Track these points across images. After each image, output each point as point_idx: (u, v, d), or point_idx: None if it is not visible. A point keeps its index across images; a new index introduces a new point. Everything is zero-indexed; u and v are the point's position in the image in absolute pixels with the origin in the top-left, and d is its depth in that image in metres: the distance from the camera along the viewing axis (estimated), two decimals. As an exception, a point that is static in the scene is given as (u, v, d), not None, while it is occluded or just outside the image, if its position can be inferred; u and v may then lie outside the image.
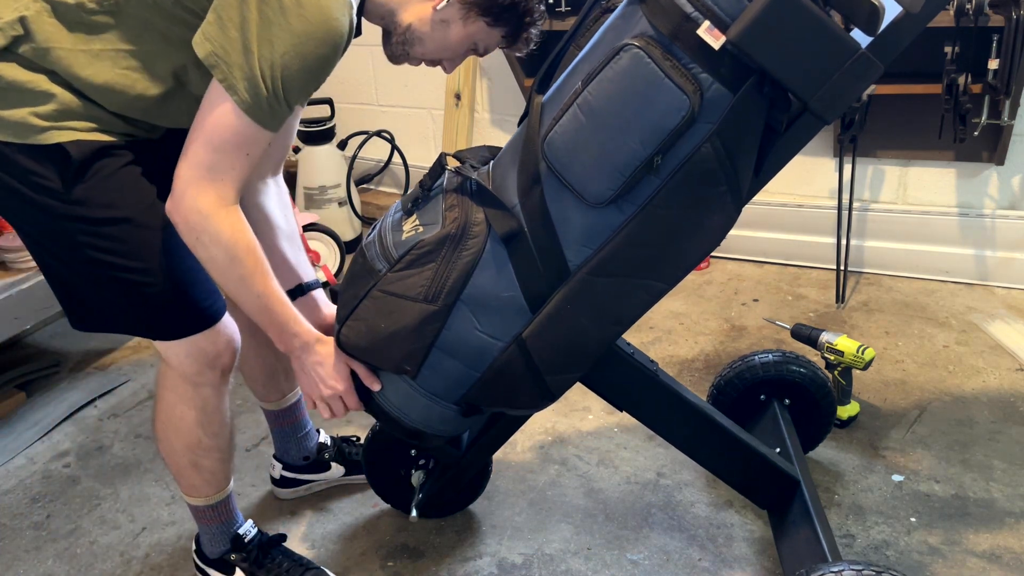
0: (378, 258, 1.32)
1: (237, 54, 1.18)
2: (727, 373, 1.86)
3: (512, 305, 1.29)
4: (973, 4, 2.16)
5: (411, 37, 1.37)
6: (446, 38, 1.36)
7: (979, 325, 2.39)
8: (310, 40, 1.19)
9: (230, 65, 1.19)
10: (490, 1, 1.32)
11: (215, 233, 1.26)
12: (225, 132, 1.22)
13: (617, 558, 1.70)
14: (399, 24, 1.36)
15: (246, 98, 1.20)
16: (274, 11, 1.17)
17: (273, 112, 1.23)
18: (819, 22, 1.08)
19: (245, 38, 1.17)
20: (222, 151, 1.23)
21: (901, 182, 2.66)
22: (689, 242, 1.24)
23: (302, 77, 1.22)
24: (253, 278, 1.32)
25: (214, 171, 1.24)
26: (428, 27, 1.35)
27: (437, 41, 1.37)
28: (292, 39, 1.18)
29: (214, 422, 1.49)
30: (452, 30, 1.35)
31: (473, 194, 1.29)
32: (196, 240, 1.27)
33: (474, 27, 1.34)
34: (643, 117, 1.14)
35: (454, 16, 1.33)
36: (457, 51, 1.40)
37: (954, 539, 1.68)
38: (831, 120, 1.16)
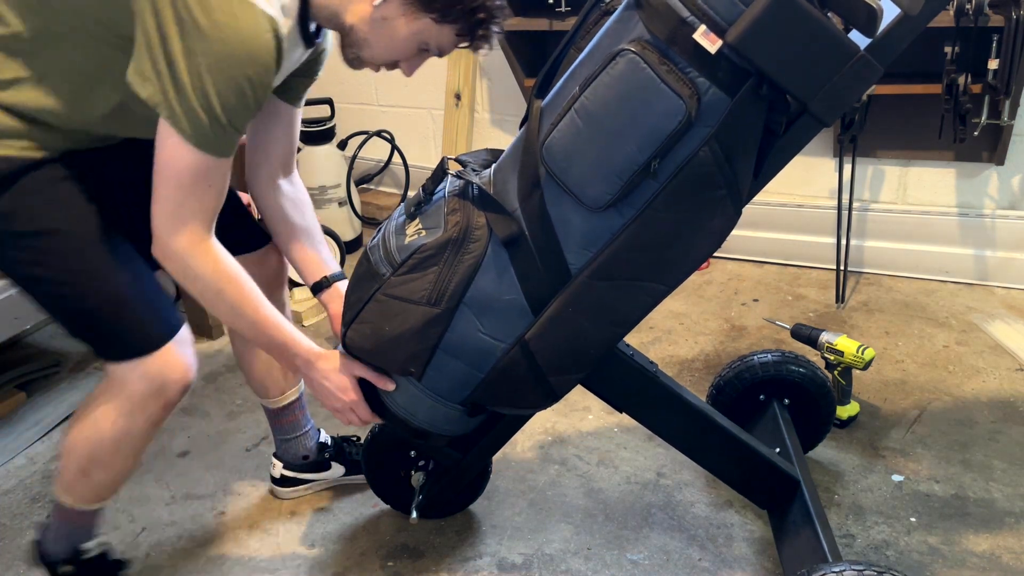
0: (382, 262, 1.33)
1: (172, 90, 1.18)
2: (726, 373, 1.86)
3: (514, 308, 1.30)
4: (973, 4, 2.16)
5: (357, 39, 1.33)
6: (391, 37, 1.31)
7: (979, 325, 2.40)
8: (235, 62, 1.17)
9: (169, 102, 1.18)
10: (438, 4, 1.27)
11: (197, 270, 1.29)
12: (182, 169, 1.23)
13: (617, 558, 1.70)
14: (344, 26, 1.32)
15: (190, 131, 1.20)
16: (195, 40, 1.15)
17: (221, 138, 1.22)
18: (818, 24, 1.08)
19: (174, 73, 1.17)
20: (184, 188, 1.24)
21: (901, 182, 2.66)
22: (689, 245, 1.24)
23: (238, 99, 1.20)
24: (243, 307, 1.35)
25: (182, 209, 1.25)
26: (370, 27, 1.30)
27: (383, 41, 1.32)
28: (217, 64, 1.16)
29: (130, 449, 1.46)
30: (396, 28, 1.30)
31: (475, 198, 1.30)
32: (184, 279, 1.31)
33: (419, 24, 1.29)
34: (639, 122, 1.14)
35: (395, 13, 1.28)
36: (407, 51, 1.34)
37: (954, 539, 1.68)
38: (830, 122, 1.16)
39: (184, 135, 1.20)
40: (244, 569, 1.74)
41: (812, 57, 1.10)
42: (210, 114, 1.19)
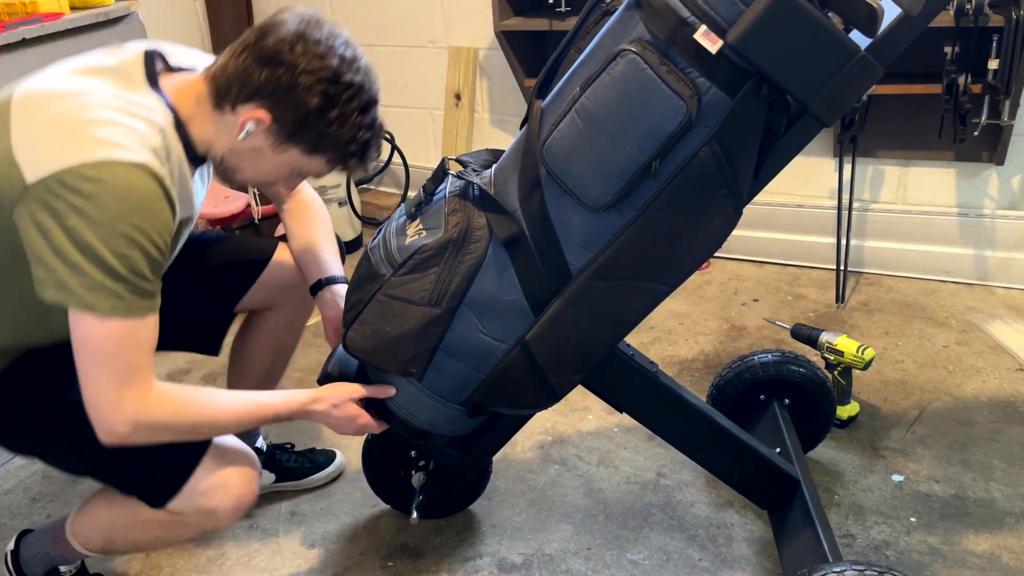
0: (382, 263, 1.33)
1: (68, 275, 1.14)
2: (726, 373, 1.86)
3: (515, 308, 1.30)
4: (973, 4, 2.16)
5: (229, 167, 1.32)
6: (261, 166, 1.31)
7: (979, 325, 2.39)
8: (119, 219, 1.14)
9: (71, 289, 1.14)
10: (296, 129, 1.24)
11: (161, 422, 1.23)
12: (107, 345, 1.17)
13: (617, 558, 1.70)
14: (216, 157, 1.31)
15: (100, 304, 1.15)
16: (73, 219, 1.12)
17: (134, 296, 1.17)
18: (819, 24, 1.08)
19: (64, 258, 1.13)
20: (112, 361, 1.18)
21: (901, 182, 2.66)
22: (690, 245, 1.24)
23: (137, 251, 1.16)
24: (220, 420, 1.31)
25: (120, 378, 1.18)
26: (239, 158, 1.30)
27: (253, 169, 1.32)
28: (102, 228, 1.13)
29: (166, 544, 1.48)
30: (265, 159, 1.29)
31: (475, 199, 1.29)
32: (154, 438, 1.24)
33: (288, 155, 1.28)
34: (640, 122, 1.14)
35: (263, 144, 1.26)
36: (279, 176, 1.34)
37: (954, 539, 1.68)
38: (831, 123, 1.16)
39: (95, 312, 1.15)
40: (244, 569, 1.74)
41: (812, 57, 1.10)
42: (113, 275, 1.14)
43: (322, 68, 1.20)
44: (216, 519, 1.39)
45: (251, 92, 1.21)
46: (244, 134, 1.24)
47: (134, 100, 1.22)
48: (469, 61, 3.10)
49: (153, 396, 1.22)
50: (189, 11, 3.36)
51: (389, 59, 3.29)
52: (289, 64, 1.19)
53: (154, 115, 1.22)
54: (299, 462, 1.95)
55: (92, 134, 1.15)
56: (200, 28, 3.41)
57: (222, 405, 1.32)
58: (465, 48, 3.10)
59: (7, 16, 2.09)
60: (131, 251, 1.15)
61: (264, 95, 1.21)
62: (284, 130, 1.24)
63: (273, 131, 1.24)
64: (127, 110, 1.19)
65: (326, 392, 1.40)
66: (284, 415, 1.38)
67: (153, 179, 1.17)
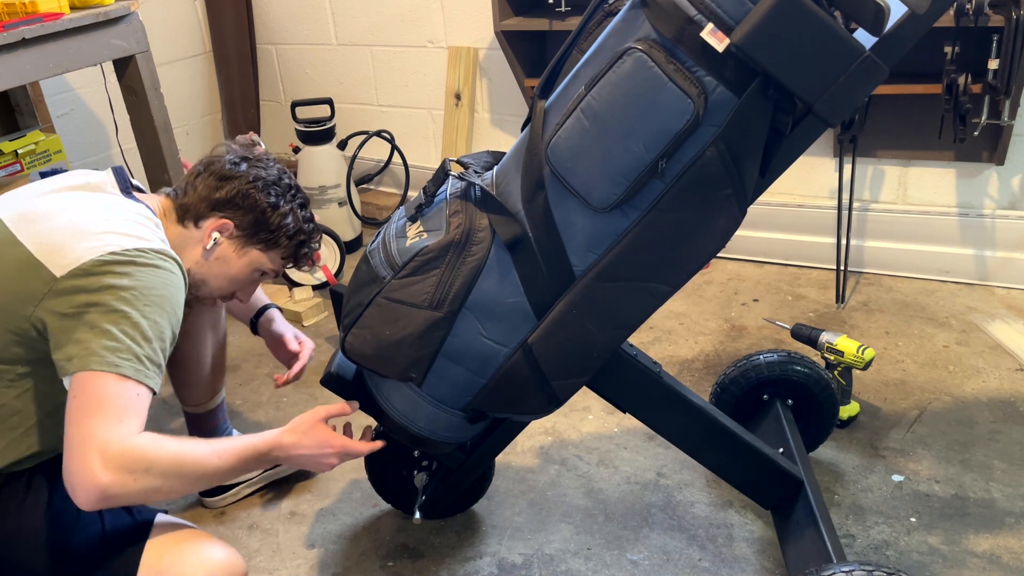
0: (382, 265, 1.31)
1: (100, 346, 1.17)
2: (731, 372, 1.86)
3: (517, 311, 1.29)
4: (973, 4, 2.16)
5: (195, 280, 1.47)
6: (227, 273, 1.49)
7: (979, 325, 2.40)
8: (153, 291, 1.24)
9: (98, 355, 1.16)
10: (254, 229, 1.47)
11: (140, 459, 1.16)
12: (115, 399, 1.17)
13: (617, 558, 1.70)
14: (192, 266, 1.46)
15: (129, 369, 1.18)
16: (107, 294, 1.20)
17: (157, 367, 1.23)
18: (824, 25, 1.07)
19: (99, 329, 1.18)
20: (115, 409, 1.17)
21: (901, 182, 2.66)
22: (694, 245, 1.24)
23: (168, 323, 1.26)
24: (198, 454, 1.24)
25: (111, 422, 1.16)
26: (207, 267, 1.47)
27: (220, 278, 1.49)
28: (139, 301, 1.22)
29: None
30: (229, 264, 1.49)
31: (477, 200, 1.28)
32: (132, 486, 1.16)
33: (249, 256, 1.50)
34: (647, 121, 1.14)
35: (228, 252, 1.48)
36: (243, 282, 1.53)
37: (954, 539, 1.68)
38: (836, 123, 1.15)
39: (118, 371, 1.17)
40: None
41: (817, 58, 1.09)
42: (143, 339, 1.21)
43: (266, 176, 1.49)
44: None
45: (212, 206, 1.45)
46: (212, 243, 1.45)
47: (127, 206, 1.35)
48: (469, 61, 3.10)
49: (136, 439, 1.18)
50: (189, 11, 3.36)
51: (389, 59, 3.29)
52: (240, 177, 1.46)
53: (150, 217, 1.37)
54: None
55: (115, 229, 1.27)
56: (200, 28, 3.41)
57: (200, 443, 1.27)
58: (465, 48, 3.10)
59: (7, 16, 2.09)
60: (161, 319, 1.24)
61: (223, 205, 1.45)
62: (244, 232, 1.47)
63: (235, 236, 1.47)
64: (128, 215, 1.32)
65: (293, 423, 1.36)
66: (262, 447, 1.31)
67: (175, 263, 1.31)
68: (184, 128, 3.36)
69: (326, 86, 3.45)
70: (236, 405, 2.26)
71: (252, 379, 2.41)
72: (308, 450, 1.35)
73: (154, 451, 1.18)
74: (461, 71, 3.12)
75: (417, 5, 3.13)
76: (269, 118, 3.65)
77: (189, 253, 1.45)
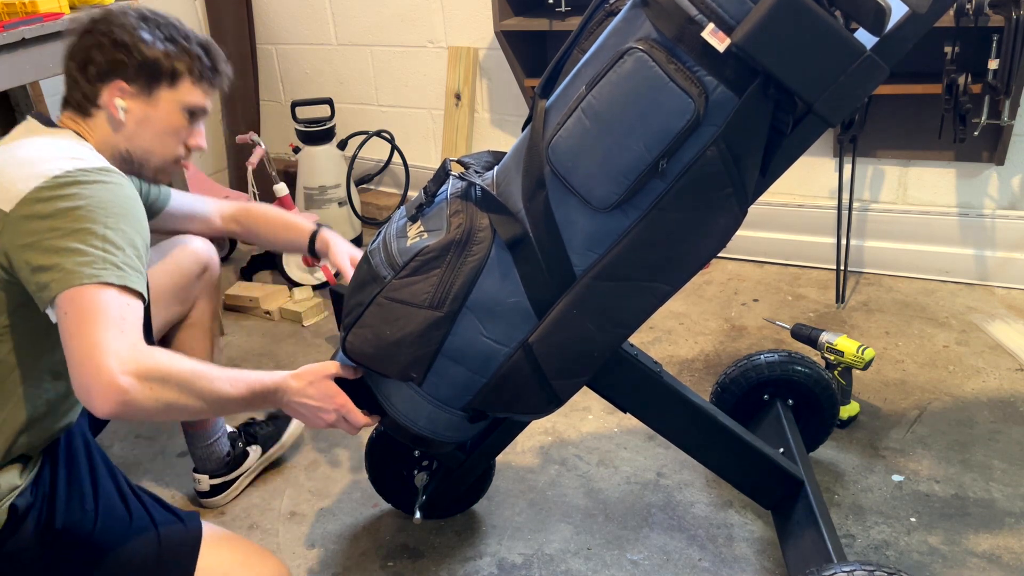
0: (383, 265, 1.31)
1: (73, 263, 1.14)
2: (731, 372, 1.86)
3: (517, 311, 1.28)
4: (973, 4, 2.16)
5: (138, 158, 1.40)
6: (157, 129, 1.39)
7: (979, 325, 2.40)
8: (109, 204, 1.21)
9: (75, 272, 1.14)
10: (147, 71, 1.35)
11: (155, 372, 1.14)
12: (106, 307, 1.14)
13: (617, 558, 1.70)
14: (124, 156, 1.39)
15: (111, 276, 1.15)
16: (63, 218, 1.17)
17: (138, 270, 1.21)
18: (825, 24, 1.07)
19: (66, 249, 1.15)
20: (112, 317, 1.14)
21: (901, 182, 2.66)
22: (695, 245, 1.23)
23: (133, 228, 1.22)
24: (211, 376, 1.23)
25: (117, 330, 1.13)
26: (138, 137, 1.38)
27: (156, 139, 1.40)
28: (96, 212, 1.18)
29: None
30: (152, 119, 1.38)
31: (478, 200, 1.28)
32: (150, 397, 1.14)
33: (164, 100, 1.38)
34: (648, 121, 1.14)
35: (142, 110, 1.37)
36: (178, 127, 1.41)
37: (954, 539, 1.68)
38: (836, 123, 1.15)
39: (100, 280, 1.15)
40: (244, 569, 1.73)
41: (818, 57, 1.09)
42: (113, 247, 1.18)
43: (122, 17, 1.36)
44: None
45: (93, 79, 1.35)
46: (121, 112, 1.35)
47: (56, 135, 1.33)
48: (469, 61, 3.10)
49: (149, 349, 1.17)
50: (189, 11, 3.36)
51: (389, 59, 3.29)
52: (100, 33, 1.34)
53: (77, 140, 1.33)
54: (270, 426, 2.03)
55: (56, 155, 1.23)
56: (200, 28, 3.41)
57: (212, 367, 1.26)
58: (465, 48, 3.10)
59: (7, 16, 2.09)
60: (126, 226, 1.21)
61: (103, 72, 1.34)
62: (140, 82, 1.36)
63: (135, 91, 1.36)
64: (60, 143, 1.29)
65: (302, 370, 1.36)
66: (269, 385, 1.31)
67: (119, 175, 1.26)
68: (184, 128, 3.36)
69: (326, 86, 3.45)
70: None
71: (252, 379, 2.41)
72: (310, 400, 1.36)
73: (168, 363, 1.17)
74: (461, 71, 3.12)
75: (417, 5, 3.13)
76: (269, 118, 3.65)
77: (115, 138, 1.37)
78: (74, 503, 1.32)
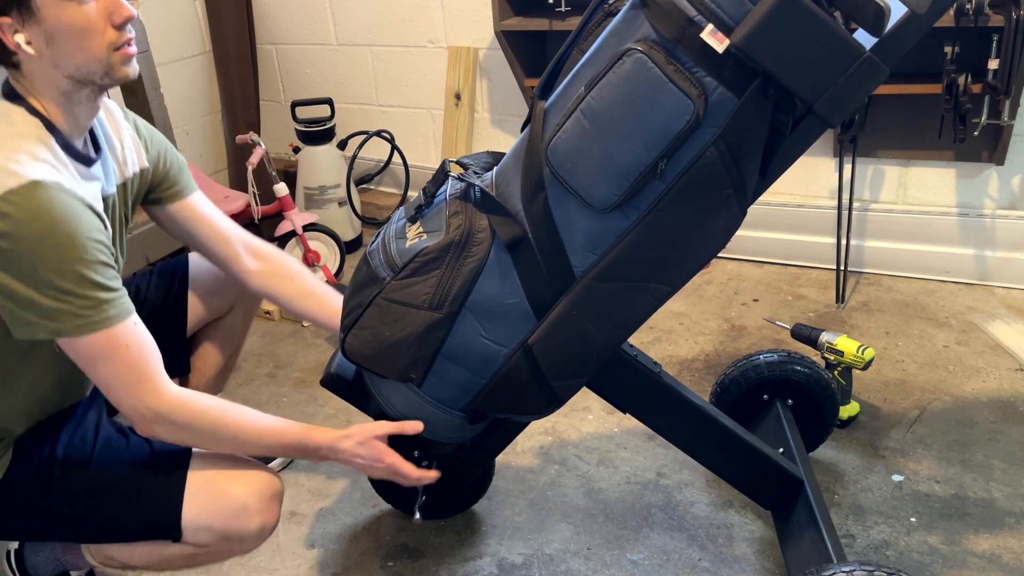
0: (382, 266, 1.31)
1: (28, 313, 1.16)
2: (731, 372, 1.86)
3: (517, 312, 1.28)
4: (973, 4, 2.16)
5: (79, 75, 1.22)
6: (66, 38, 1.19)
7: (979, 325, 2.40)
8: (47, 241, 1.14)
9: (35, 324, 1.17)
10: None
11: (177, 422, 1.28)
12: (96, 355, 1.21)
13: (617, 558, 1.70)
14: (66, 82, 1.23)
15: (70, 326, 1.18)
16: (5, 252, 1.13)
17: (95, 307, 1.19)
18: (824, 26, 1.07)
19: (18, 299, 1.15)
20: (110, 364, 1.22)
21: (901, 182, 2.66)
22: (694, 246, 1.23)
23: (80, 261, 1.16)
24: (239, 430, 1.34)
25: (125, 381, 1.24)
26: (68, 54, 1.20)
27: (73, 49, 1.19)
28: (33, 257, 1.14)
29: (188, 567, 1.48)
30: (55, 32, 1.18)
31: (477, 201, 1.28)
32: (177, 438, 1.32)
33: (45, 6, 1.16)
34: (647, 121, 1.14)
35: (35, 30, 1.17)
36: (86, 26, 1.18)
37: (954, 539, 1.68)
38: (836, 124, 1.15)
39: (73, 334, 1.18)
40: (244, 569, 1.73)
41: (817, 58, 1.09)
42: (63, 294, 1.16)
43: None
44: (243, 544, 1.40)
45: None
46: (26, 46, 1.18)
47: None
48: (469, 61, 3.10)
49: (170, 397, 1.28)
50: (189, 11, 3.36)
51: (389, 59, 3.29)
52: None
53: (23, 125, 1.22)
54: None
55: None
56: (200, 28, 3.41)
57: (247, 418, 1.35)
58: (465, 48, 3.10)
59: None
60: (71, 264, 1.16)
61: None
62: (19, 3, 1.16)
63: (15, 19, 1.17)
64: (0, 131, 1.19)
65: (352, 430, 1.40)
66: (309, 445, 1.39)
67: (54, 190, 1.16)
68: (184, 128, 3.36)
69: (326, 86, 3.45)
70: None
71: (252, 379, 2.41)
72: (361, 459, 1.41)
73: (188, 416, 1.29)
74: (461, 71, 3.12)
75: (417, 5, 3.13)
76: (269, 118, 3.65)
77: (48, 74, 1.21)
78: (76, 438, 1.38)
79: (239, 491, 1.36)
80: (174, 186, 1.54)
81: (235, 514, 1.36)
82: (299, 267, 1.66)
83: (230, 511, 1.35)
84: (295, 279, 1.63)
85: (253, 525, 1.37)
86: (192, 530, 1.35)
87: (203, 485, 1.36)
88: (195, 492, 1.35)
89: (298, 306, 1.63)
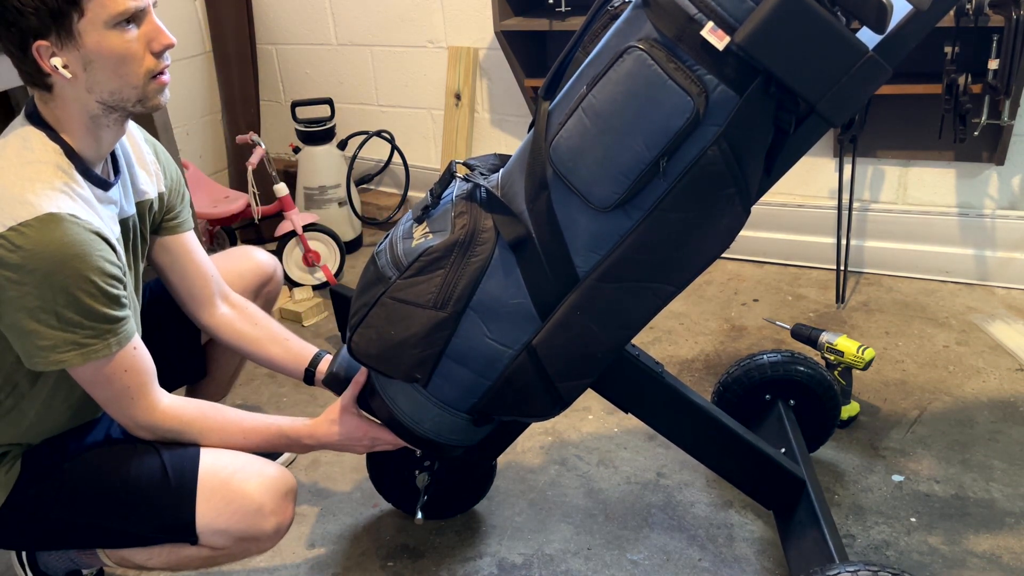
0: (389, 266, 1.32)
1: (33, 345, 1.20)
2: (733, 372, 1.86)
3: (521, 312, 1.28)
4: (973, 4, 2.16)
5: (112, 101, 1.23)
6: (113, 59, 1.19)
7: (979, 325, 2.40)
8: (56, 275, 1.16)
9: (41, 355, 1.21)
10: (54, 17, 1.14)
11: (171, 431, 1.38)
12: (96, 381, 1.28)
13: (617, 558, 1.70)
14: (98, 107, 1.24)
15: (73, 356, 1.22)
16: (13, 291, 1.16)
17: (99, 336, 1.23)
18: (827, 25, 1.07)
19: (23, 331, 1.19)
20: (108, 389, 1.30)
21: (901, 182, 2.66)
22: (698, 245, 1.23)
23: (87, 293, 1.19)
24: (228, 433, 1.42)
25: (120, 402, 1.32)
26: (103, 79, 1.20)
27: (111, 76, 1.20)
28: (45, 289, 1.16)
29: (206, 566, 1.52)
30: (102, 53, 1.18)
31: (482, 201, 1.28)
32: (165, 441, 1.39)
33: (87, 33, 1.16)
34: (647, 119, 1.13)
35: (73, 55, 1.18)
36: (126, 54, 1.20)
37: (954, 539, 1.68)
38: (839, 123, 1.15)
39: (77, 363, 1.23)
40: (244, 569, 1.73)
41: (820, 58, 1.08)
42: (69, 325, 1.19)
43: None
44: (259, 544, 1.42)
45: (15, 51, 1.18)
46: (63, 70, 1.18)
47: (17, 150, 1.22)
48: (469, 61, 3.10)
49: (159, 413, 1.36)
50: (189, 11, 3.36)
51: (389, 59, 3.29)
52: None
53: (42, 152, 1.22)
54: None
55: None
56: (200, 28, 3.41)
57: (229, 419, 1.43)
58: (465, 48, 3.10)
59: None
60: (79, 296, 1.19)
61: (15, 46, 1.17)
62: (49, 29, 1.15)
63: (54, 42, 1.16)
64: (14, 170, 1.20)
65: (324, 418, 1.47)
66: (291, 436, 1.45)
67: (68, 223, 1.17)
68: (184, 128, 3.36)
69: (326, 86, 3.45)
70: (236, 405, 2.26)
71: (252, 379, 2.41)
72: (340, 437, 1.46)
73: (178, 427, 1.38)
74: (461, 71, 3.12)
75: (417, 5, 3.13)
76: (269, 118, 3.65)
77: (81, 98, 1.22)
78: (83, 446, 1.40)
79: (253, 492, 1.36)
80: (177, 218, 1.54)
81: (250, 516, 1.36)
82: (266, 316, 1.69)
83: (244, 513, 1.36)
84: (261, 325, 1.66)
85: (268, 525, 1.38)
86: (207, 533, 1.36)
87: (216, 487, 1.36)
88: (208, 495, 1.35)
89: (263, 351, 1.64)
